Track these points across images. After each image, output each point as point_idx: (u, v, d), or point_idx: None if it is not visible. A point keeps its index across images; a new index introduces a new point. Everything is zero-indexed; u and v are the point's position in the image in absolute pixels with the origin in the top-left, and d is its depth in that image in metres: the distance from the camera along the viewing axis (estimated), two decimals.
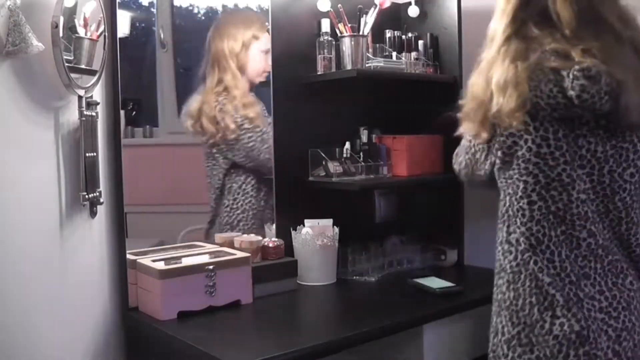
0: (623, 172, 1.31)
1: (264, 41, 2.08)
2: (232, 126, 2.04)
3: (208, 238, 2.01)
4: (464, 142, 1.49)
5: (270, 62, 2.06)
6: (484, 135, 1.36)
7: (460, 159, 1.51)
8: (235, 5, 2.13)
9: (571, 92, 1.22)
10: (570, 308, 1.26)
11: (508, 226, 1.36)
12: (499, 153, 1.34)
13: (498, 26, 1.34)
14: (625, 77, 1.23)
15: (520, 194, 1.32)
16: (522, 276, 1.31)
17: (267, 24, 2.04)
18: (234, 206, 2.09)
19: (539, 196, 1.30)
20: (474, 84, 1.37)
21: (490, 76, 1.31)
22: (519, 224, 1.32)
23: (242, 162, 2.09)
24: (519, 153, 1.31)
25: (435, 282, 1.92)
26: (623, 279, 1.29)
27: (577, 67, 1.22)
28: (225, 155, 2.07)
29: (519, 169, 1.31)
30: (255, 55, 2.08)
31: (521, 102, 1.25)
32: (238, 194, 2.09)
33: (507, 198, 1.35)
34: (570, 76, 1.22)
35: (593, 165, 1.29)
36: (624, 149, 1.31)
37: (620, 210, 1.31)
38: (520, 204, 1.32)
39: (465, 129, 1.43)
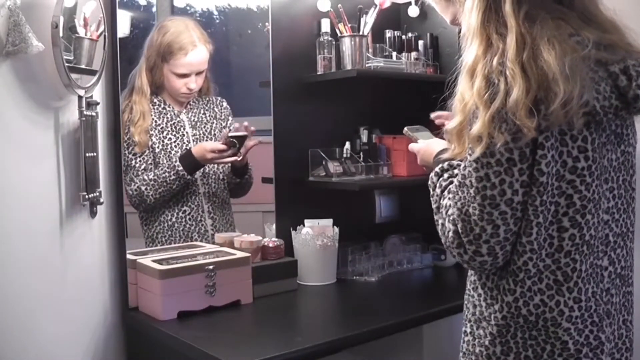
0: (631, 179, 1.13)
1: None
2: (136, 138, 1.99)
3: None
4: (452, 188, 1.11)
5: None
6: (530, 130, 0.97)
7: (449, 224, 1.11)
8: (235, 6, 2.13)
9: (638, 92, 1.02)
10: (581, 357, 1.06)
11: (499, 270, 1.09)
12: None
13: (506, 8, 1.03)
14: None
15: (551, 219, 1.04)
16: (513, 328, 1.09)
17: (267, 23, 2.04)
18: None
19: (571, 222, 1.04)
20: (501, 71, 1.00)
21: (537, 60, 0.98)
22: (543, 256, 1.05)
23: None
24: (550, 169, 1.01)
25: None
26: (631, 314, 1.14)
27: (633, 61, 1.03)
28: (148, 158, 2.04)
29: (551, 189, 1.03)
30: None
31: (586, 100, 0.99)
32: None
33: (535, 229, 1.04)
34: (633, 73, 1.02)
35: (612, 177, 1.09)
36: (630, 153, 1.13)
37: (634, 224, 1.13)
38: (549, 232, 1.05)
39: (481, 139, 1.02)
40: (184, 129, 2.04)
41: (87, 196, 1.56)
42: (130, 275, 1.70)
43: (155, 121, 2.00)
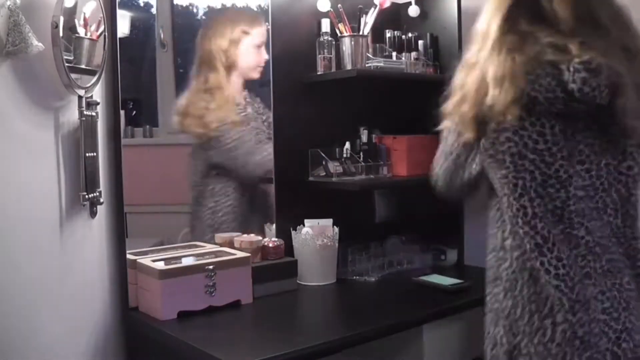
0: (619, 165, 1.28)
1: (257, 35, 2.07)
2: (213, 125, 2.02)
3: (192, 240, 1.98)
4: (442, 148, 1.44)
5: (265, 56, 2.06)
6: (471, 133, 1.30)
7: (438, 168, 1.46)
8: (234, 5, 2.13)
9: (572, 86, 1.19)
10: (576, 312, 1.22)
11: (503, 231, 1.31)
12: (491, 151, 1.28)
13: (492, 23, 1.30)
14: (623, 72, 1.21)
15: (519, 191, 1.26)
16: (519, 284, 1.27)
17: (266, 23, 2.04)
18: (216, 209, 2.06)
19: (536, 193, 1.25)
20: (463, 79, 1.33)
21: (484, 70, 1.27)
22: (521, 223, 1.26)
23: (220, 163, 2.07)
24: (514, 150, 1.25)
25: (442, 280, 1.93)
26: (621, 278, 1.26)
27: (577, 60, 1.19)
28: (206, 155, 2.06)
29: (515, 167, 1.25)
30: (246, 51, 2.06)
31: (518, 96, 1.21)
32: (220, 196, 2.06)
33: (505, 199, 1.28)
34: (571, 69, 1.19)
35: (592, 160, 1.26)
36: (617, 141, 1.28)
37: (616, 202, 1.28)
38: (521, 202, 1.26)
39: (449, 127, 1.38)
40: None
41: (87, 196, 1.57)
42: (130, 275, 1.70)
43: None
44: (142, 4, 1.98)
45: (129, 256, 1.72)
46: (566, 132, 1.24)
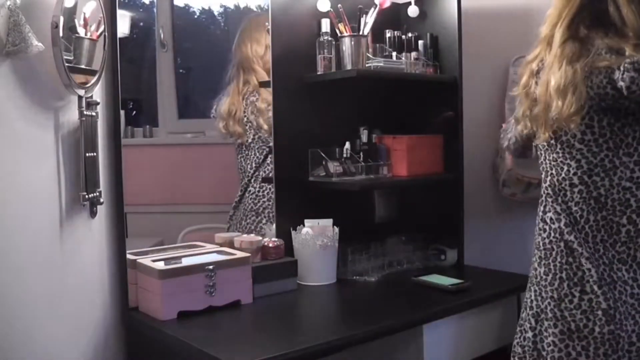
0: None
1: None
2: (265, 126, 2.11)
3: (230, 222, 2.13)
4: (513, 121, 1.61)
5: None
6: (545, 135, 1.43)
7: (509, 135, 1.65)
8: (236, 6, 2.13)
9: (621, 84, 1.28)
10: (602, 286, 1.32)
11: (545, 205, 1.46)
12: (547, 134, 1.43)
13: (556, 29, 1.40)
14: None
15: (563, 175, 1.42)
16: (554, 252, 1.41)
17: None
18: (260, 194, 2.14)
19: (579, 180, 1.39)
20: (533, 86, 1.47)
21: (547, 79, 1.39)
22: (560, 201, 1.42)
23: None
24: (564, 138, 1.40)
25: (442, 279, 1.92)
26: None
27: (628, 60, 1.28)
28: (262, 145, 2.14)
29: (563, 153, 1.41)
30: None
31: (580, 107, 1.33)
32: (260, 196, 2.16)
33: (549, 178, 1.45)
34: (622, 68, 1.28)
35: (639, 152, 1.36)
36: None
37: None
38: (563, 185, 1.42)
39: (522, 129, 1.54)
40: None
41: (87, 196, 1.56)
42: (130, 275, 1.70)
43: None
44: (142, 4, 1.98)
45: (129, 256, 1.72)
46: (614, 125, 1.35)
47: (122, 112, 1.75)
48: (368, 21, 2.07)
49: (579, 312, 1.34)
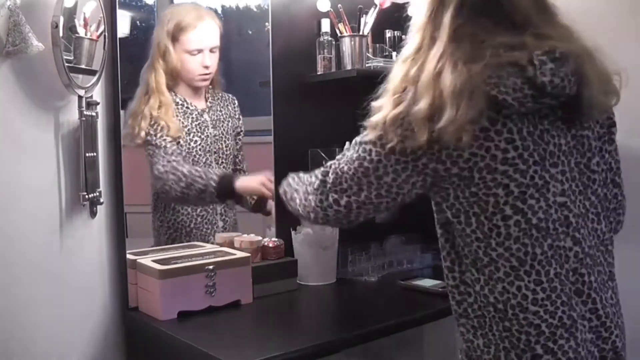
0: (589, 162, 1.15)
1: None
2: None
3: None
4: (338, 165, 1.24)
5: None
6: (422, 139, 1.07)
7: (314, 178, 1.30)
8: (236, 6, 2.13)
9: (543, 79, 1.05)
10: (557, 340, 1.07)
11: (460, 264, 1.17)
12: (455, 169, 1.08)
13: (445, 18, 1.13)
14: (585, 58, 1.10)
15: (491, 210, 1.08)
16: (488, 319, 1.12)
17: (267, 23, 2.04)
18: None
19: (513, 209, 1.07)
20: (405, 79, 1.14)
21: (439, 79, 1.07)
22: (494, 245, 1.09)
23: None
24: (481, 164, 1.06)
25: (428, 282, 1.91)
26: (607, 292, 1.15)
27: (537, 51, 1.06)
28: None
29: (485, 182, 1.07)
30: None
31: (478, 114, 1.03)
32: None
33: (474, 219, 1.10)
34: (536, 63, 1.06)
35: (563, 161, 1.11)
36: (585, 137, 1.15)
37: (596, 206, 1.15)
38: (494, 222, 1.08)
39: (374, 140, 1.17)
40: (208, 129, 2.04)
41: (87, 196, 1.56)
42: (130, 275, 1.70)
43: (182, 122, 1.98)
44: (142, 4, 1.98)
45: (129, 256, 1.72)
46: (533, 134, 1.09)
47: (122, 112, 1.75)
48: (368, 21, 2.07)
49: None
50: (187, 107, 2.01)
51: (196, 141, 2.00)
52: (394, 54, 2.16)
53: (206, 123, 2.03)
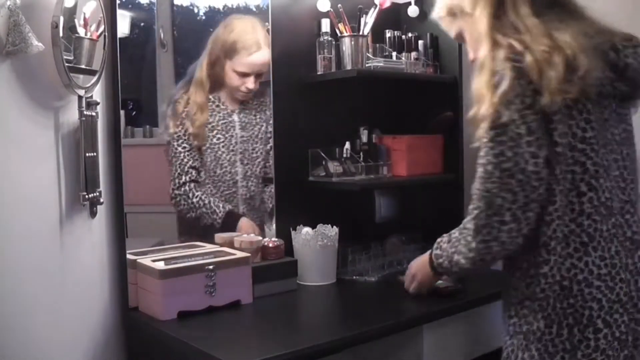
0: (634, 154, 1.26)
1: None
2: None
3: None
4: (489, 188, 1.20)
5: None
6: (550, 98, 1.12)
7: (466, 230, 1.31)
8: (236, 6, 2.13)
9: (627, 60, 1.18)
10: (613, 313, 1.16)
11: (530, 248, 1.20)
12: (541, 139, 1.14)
13: (522, 10, 1.21)
14: None
15: (569, 186, 1.16)
16: (552, 299, 1.18)
17: (267, 23, 2.04)
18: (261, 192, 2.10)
19: (588, 186, 1.16)
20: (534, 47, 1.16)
21: (556, 37, 1.14)
22: (567, 221, 1.16)
23: None
24: (563, 141, 1.15)
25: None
26: None
27: (617, 38, 1.21)
28: None
29: (565, 159, 1.16)
30: None
31: (600, 68, 1.15)
32: None
33: (558, 197, 1.16)
34: (619, 47, 1.19)
35: (616, 149, 1.22)
36: (630, 132, 1.27)
37: (638, 194, 1.25)
38: (569, 198, 1.16)
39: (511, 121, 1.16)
40: (234, 129, 2.06)
41: (87, 196, 1.56)
42: (130, 275, 1.70)
43: (208, 118, 2.02)
44: (142, 4, 1.98)
45: (129, 256, 1.72)
46: (600, 119, 1.19)
47: (122, 112, 1.75)
48: (368, 21, 2.07)
49: (598, 353, 1.16)
50: (218, 105, 2.04)
51: (219, 138, 2.03)
52: (394, 54, 2.16)
53: (233, 123, 2.05)
